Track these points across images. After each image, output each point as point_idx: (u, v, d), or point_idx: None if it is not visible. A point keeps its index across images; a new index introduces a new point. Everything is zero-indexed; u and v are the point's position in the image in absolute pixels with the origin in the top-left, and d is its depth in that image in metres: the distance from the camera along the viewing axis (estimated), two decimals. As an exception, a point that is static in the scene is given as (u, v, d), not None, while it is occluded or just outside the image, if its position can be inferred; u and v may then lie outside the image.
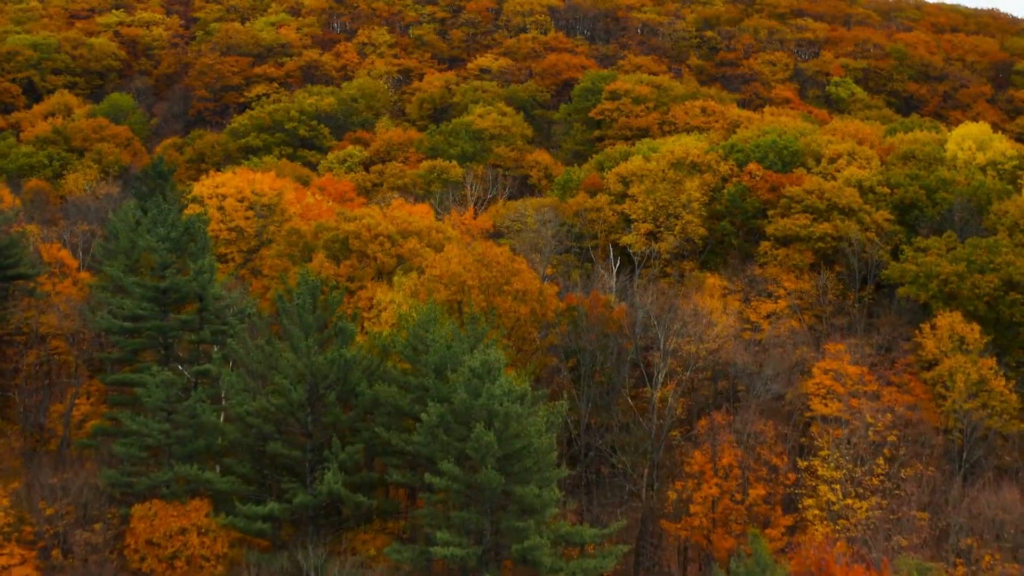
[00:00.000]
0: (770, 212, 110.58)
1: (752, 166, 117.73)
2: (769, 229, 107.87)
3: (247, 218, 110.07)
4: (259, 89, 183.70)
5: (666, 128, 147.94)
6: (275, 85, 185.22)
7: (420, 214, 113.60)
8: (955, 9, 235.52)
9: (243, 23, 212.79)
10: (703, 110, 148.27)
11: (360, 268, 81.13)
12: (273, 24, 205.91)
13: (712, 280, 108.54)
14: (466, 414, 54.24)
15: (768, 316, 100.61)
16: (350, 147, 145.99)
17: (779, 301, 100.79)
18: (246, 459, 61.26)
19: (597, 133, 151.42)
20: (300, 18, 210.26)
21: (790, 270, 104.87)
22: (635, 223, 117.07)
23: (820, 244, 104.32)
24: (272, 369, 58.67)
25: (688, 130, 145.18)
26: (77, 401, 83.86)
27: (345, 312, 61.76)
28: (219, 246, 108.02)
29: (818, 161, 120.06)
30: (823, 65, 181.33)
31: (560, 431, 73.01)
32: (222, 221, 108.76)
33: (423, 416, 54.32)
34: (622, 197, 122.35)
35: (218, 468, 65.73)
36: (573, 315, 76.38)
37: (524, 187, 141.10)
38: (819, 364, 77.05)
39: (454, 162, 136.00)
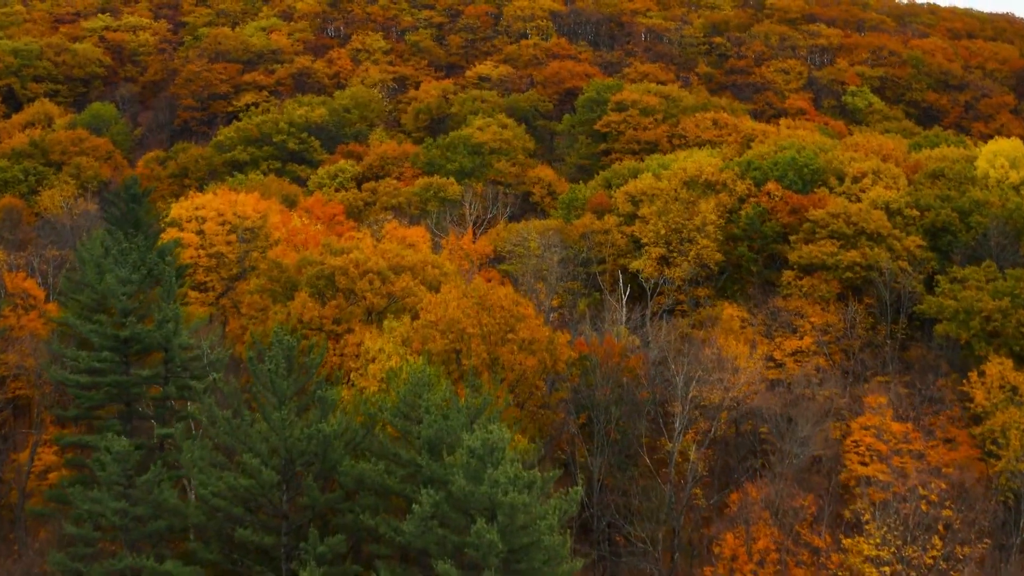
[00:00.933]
0: (792, 237, 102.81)
1: (771, 185, 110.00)
2: (792, 256, 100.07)
3: (229, 243, 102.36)
4: (248, 98, 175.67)
5: (676, 142, 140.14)
6: (265, 93, 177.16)
7: (415, 238, 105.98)
8: (969, 13, 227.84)
9: (233, 28, 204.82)
10: (715, 122, 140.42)
11: (347, 309, 73.26)
12: (264, 29, 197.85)
13: (730, 311, 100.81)
14: (465, 503, 46.37)
15: (793, 353, 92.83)
16: (342, 161, 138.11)
17: (804, 337, 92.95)
18: (213, 543, 53.30)
19: (603, 146, 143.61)
20: (292, 23, 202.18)
21: (816, 302, 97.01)
22: (646, 247, 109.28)
23: (848, 274, 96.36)
24: (241, 443, 50.77)
25: (699, 144, 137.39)
26: (40, 450, 76.22)
27: (324, 378, 53.83)
28: (198, 273, 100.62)
29: (841, 180, 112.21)
30: (838, 73, 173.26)
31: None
32: (201, 247, 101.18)
33: (415, 507, 46.42)
34: (631, 218, 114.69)
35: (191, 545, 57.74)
36: (585, 365, 68.48)
37: (526, 205, 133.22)
38: (859, 420, 69.17)
39: (451, 179, 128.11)
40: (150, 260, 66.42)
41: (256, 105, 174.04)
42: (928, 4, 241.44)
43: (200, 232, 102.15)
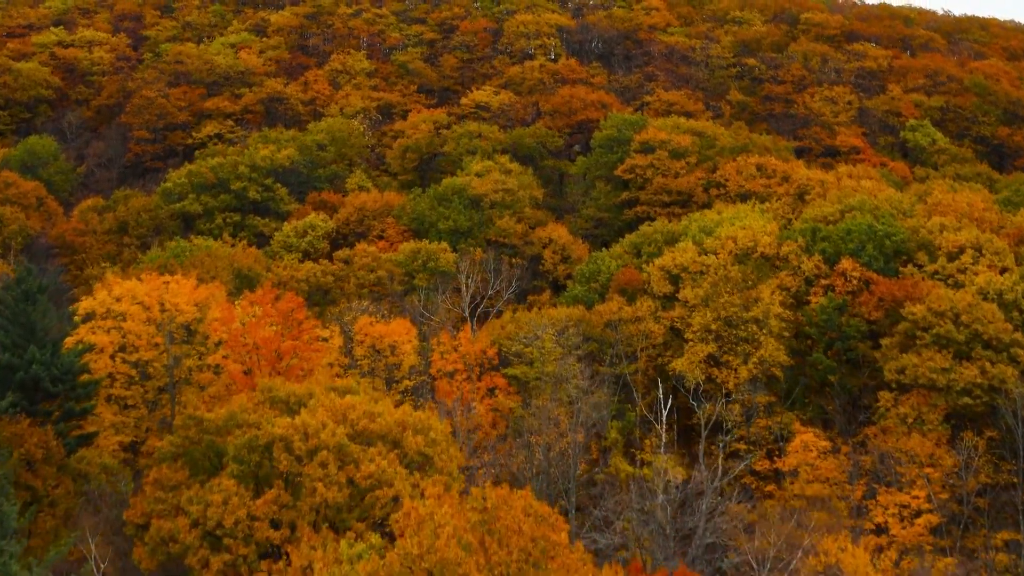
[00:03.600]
0: (884, 341, 79.85)
1: (846, 264, 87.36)
2: (888, 370, 77.03)
3: (156, 345, 79.29)
4: (210, 128, 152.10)
5: (714, 191, 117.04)
6: (230, 123, 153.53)
7: (397, 334, 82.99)
8: (1019, 27, 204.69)
9: (199, 43, 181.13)
10: (759, 168, 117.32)
11: (291, 504, 50.13)
12: (232, 46, 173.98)
13: (805, 437, 78.13)
14: None
15: (899, 511, 69.94)
16: (312, 215, 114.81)
17: (914, 489, 69.97)
18: None
19: (626, 195, 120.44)
20: (265, 39, 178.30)
21: (922, 433, 74.07)
22: (690, 344, 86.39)
23: (966, 399, 73.30)
24: None
25: (742, 195, 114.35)
26: None
27: None
28: (116, 387, 77.85)
29: (932, 255, 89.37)
30: (892, 103, 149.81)
31: None
32: (122, 349, 78.36)
33: None
34: (670, 300, 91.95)
35: None
36: (643, 613, 45.43)
37: (535, 271, 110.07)
38: None
39: (444, 243, 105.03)
40: None
41: (220, 137, 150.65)
42: (966, 16, 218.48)
43: (119, 329, 79.23)
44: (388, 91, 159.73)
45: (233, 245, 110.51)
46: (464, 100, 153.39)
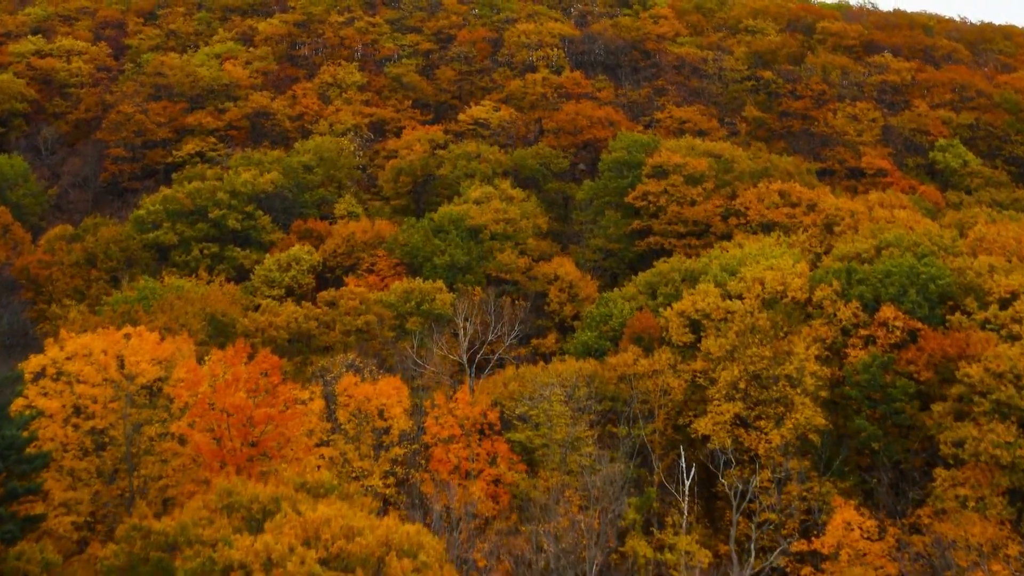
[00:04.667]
0: (936, 407, 70.64)
1: (887, 311, 78.24)
2: (944, 442, 67.86)
3: (113, 410, 70.02)
4: (192, 146, 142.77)
5: (733, 222, 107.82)
6: (212, 140, 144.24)
7: (386, 395, 73.68)
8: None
9: (183, 52, 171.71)
10: (782, 195, 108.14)
11: (248, 651, 40.97)
12: (218, 56, 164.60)
13: (846, 514, 69.01)
14: None
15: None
16: (296, 247, 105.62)
17: (981, 586, 60.79)
18: None
19: (637, 224, 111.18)
20: (252, 48, 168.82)
21: (983, 515, 64.94)
22: (714, 403, 77.28)
23: (1036, 480, 64.17)
24: None
25: (765, 226, 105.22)
26: None
27: None
28: (67, 459, 68.79)
29: (981, 301, 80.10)
30: (918, 120, 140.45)
31: None
32: (75, 413, 69.26)
33: None
34: (690, 349, 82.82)
35: None
36: None
37: (540, 312, 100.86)
38: None
39: (440, 281, 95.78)
40: None
41: (201, 155, 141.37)
42: (987, 24, 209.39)
43: (72, 391, 69.97)
44: (381, 106, 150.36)
45: (209, 281, 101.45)
46: (462, 116, 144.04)
